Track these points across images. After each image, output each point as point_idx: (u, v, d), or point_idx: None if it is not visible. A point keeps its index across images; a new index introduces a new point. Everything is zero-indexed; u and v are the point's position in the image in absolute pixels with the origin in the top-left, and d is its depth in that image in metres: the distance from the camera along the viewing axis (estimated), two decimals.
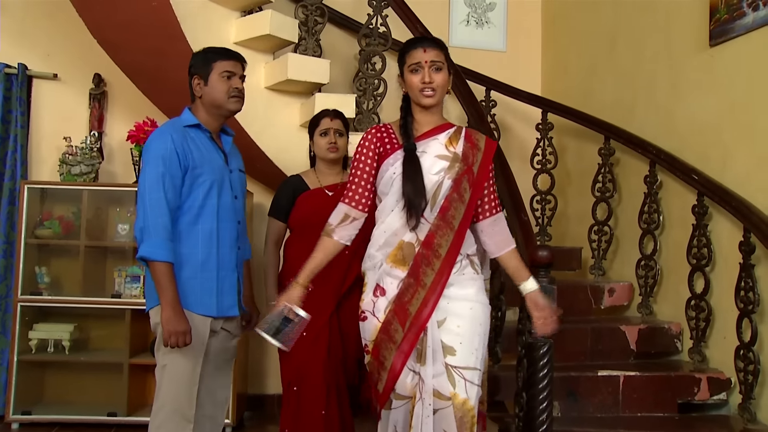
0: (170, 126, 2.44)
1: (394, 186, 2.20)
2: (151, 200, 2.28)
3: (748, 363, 2.85)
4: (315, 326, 2.84)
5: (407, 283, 2.19)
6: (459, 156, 2.24)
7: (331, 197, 2.94)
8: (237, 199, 2.53)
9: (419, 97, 2.22)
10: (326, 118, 3.00)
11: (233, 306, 2.48)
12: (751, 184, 3.02)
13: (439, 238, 2.20)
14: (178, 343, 2.25)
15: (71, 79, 4.21)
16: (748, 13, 3.05)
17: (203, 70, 2.47)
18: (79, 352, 3.88)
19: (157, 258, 2.25)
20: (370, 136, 2.29)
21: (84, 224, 3.88)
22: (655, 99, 3.71)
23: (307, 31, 3.57)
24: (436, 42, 2.28)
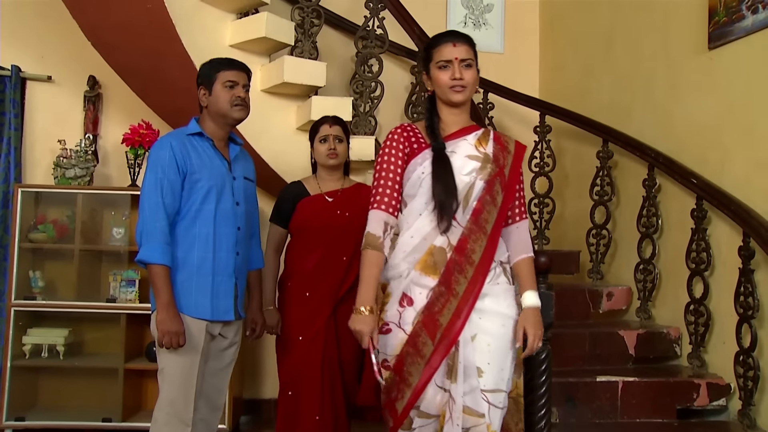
0: (172, 134, 2.54)
1: (422, 187, 2.09)
2: (149, 205, 2.37)
3: (748, 369, 2.83)
4: (311, 331, 2.84)
5: (438, 292, 2.04)
6: (490, 157, 2.14)
7: (331, 203, 2.95)
8: (239, 205, 2.55)
9: (449, 94, 2.11)
10: (325, 125, 2.99)
11: (229, 311, 2.50)
12: (750, 187, 3.00)
13: (472, 243, 2.07)
14: (171, 344, 2.33)
15: (65, 81, 4.17)
16: (747, 15, 3.03)
17: (208, 81, 2.54)
18: (74, 357, 3.84)
19: (152, 261, 2.32)
20: (396, 136, 2.16)
21: (78, 228, 3.84)
22: (652, 101, 3.70)
23: (303, 33, 3.54)
24: (465, 37, 2.16)
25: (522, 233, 2.23)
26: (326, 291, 2.87)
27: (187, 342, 2.36)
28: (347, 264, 2.90)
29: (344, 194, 3.00)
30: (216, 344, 2.53)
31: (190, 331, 2.38)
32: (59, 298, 3.85)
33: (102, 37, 3.41)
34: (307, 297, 2.87)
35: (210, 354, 2.51)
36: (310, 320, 2.85)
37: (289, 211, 2.97)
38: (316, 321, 2.85)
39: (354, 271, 2.93)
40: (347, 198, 2.99)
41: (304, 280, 2.89)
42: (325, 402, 2.83)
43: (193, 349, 2.39)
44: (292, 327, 2.88)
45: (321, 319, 2.85)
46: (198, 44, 3.30)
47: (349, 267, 2.91)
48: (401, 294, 2.09)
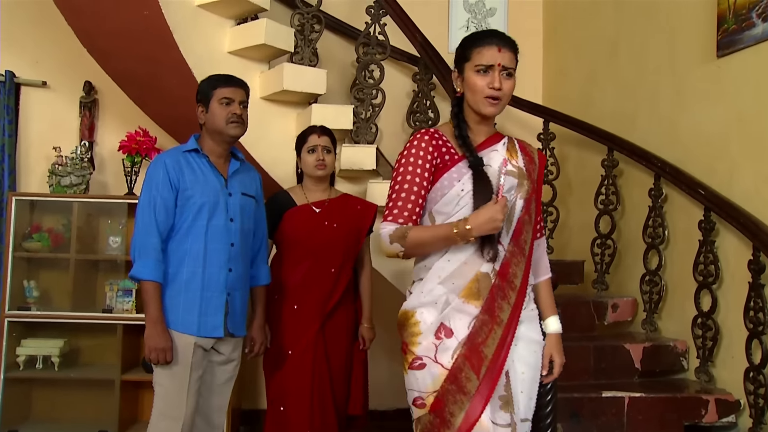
0: (169, 152, 2.56)
1: (460, 206, 1.88)
2: (142, 222, 2.40)
3: (759, 386, 2.77)
4: (300, 345, 2.81)
5: (481, 321, 1.86)
6: (524, 172, 1.97)
7: (319, 214, 2.91)
8: (233, 221, 2.52)
9: (482, 104, 1.91)
10: (314, 135, 2.95)
11: (218, 327, 2.47)
12: (759, 199, 2.93)
13: (514, 267, 1.92)
14: (158, 360, 2.35)
15: (61, 87, 4.12)
16: (757, 23, 2.96)
17: (205, 98, 2.55)
18: (69, 369, 3.79)
19: (143, 277, 2.37)
20: (424, 144, 1.93)
21: (74, 237, 3.79)
22: (658, 109, 3.63)
23: (303, 39, 3.47)
24: (512, 43, 1.96)
25: (542, 251, 2.12)
26: (314, 304, 2.84)
27: (174, 358, 2.37)
28: (335, 276, 2.87)
29: (331, 205, 2.96)
30: (211, 358, 2.52)
31: (177, 346, 2.38)
32: (54, 308, 3.80)
33: (98, 43, 3.35)
34: (296, 310, 2.84)
35: (205, 369, 2.49)
36: (299, 334, 2.82)
37: (275, 221, 2.92)
38: (305, 335, 2.82)
39: (342, 283, 2.91)
40: (334, 208, 2.95)
41: (292, 293, 2.85)
42: (315, 417, 2.80)
43: (181, 364, 2.39)
44: (281, 341, 2.84)
45: (310, 333, 2.82)
46: (196, 51, 3.24)
47: (337, 279, 2.88)
48: (438, 324, 1.88)
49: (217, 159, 2.56)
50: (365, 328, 3.02)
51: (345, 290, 2.92)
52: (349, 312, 2.99)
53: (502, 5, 4.86)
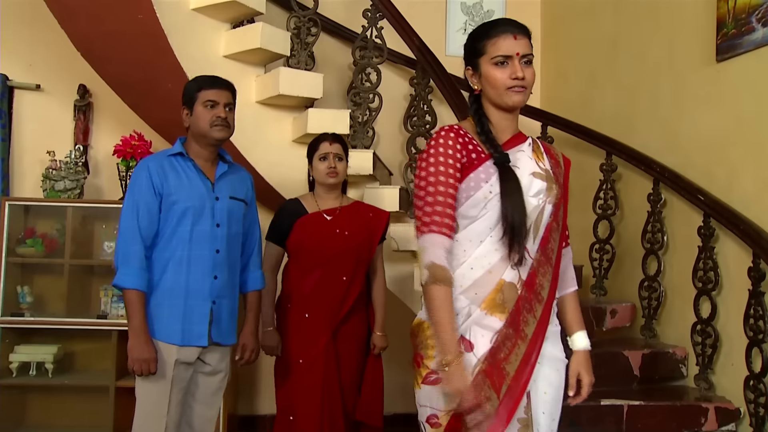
0: (153, 156, 2.50)
1: (487, 208, 1.73)
2: (125, 229, 2.35)
3: (759, 394, 2.75)
4: (310, 354, 2.77)
5: (505, 335, 1.72)
6: (551, 175, 1.84)
7: (330, 222, 2.87)
8: (219, 227, 2.46)
9: (506, 96, 1.76)
10: (325, 143, 2.91)
11: (202, 336, 2.41)
12: (759, 205, 2.91)
13: (541, 277, 1.78)
14: (142, 371, 2.29)
15: (55, 90, 4.07)
16: (757, 28, 2.94)
17: (189, 101, 2.49)
18: (63, 375, 3.73)
19: (125, 285, 2.31)
20: (451, 141, 1.76)
21: (68, 242, 3.74)
22: (658, 113, 3.60)
23: (300, 43, 3.44)
24: (525, 29, 1.81)
25: (567, 261, 1.98)
26: (326, 312, 2.81)
27: (158, 369, 2.32)
28: (347, 284, 2.83)
29: (343, 212, 2.92)
30: (198, 369, 2.47)
31: (161, 356, 2.33)
32: (48, 314, 3.75)
33: (92, 48, 3.32)
34: (307, 318, 2.80)
35: (191, 380, 2.45)
36: (309, 343, 2.78)
37: (286, 229, 2.89)
38: (316, 344, 2.78)
39: (354, 291, 2.87)
40: (346, 216, 2.91)
41: (303, 302, 2.81)
42: (324, 427, 2.76)
43: (162, 376, 2.34)
44: (292, 349, 2.81)
45: (321, 342, 2.78)
46: (191, 55, 3.21)
47: (348, 287, 2.84)
48: (458, 336, 1.72)
49: (204, 162, 2.50)
50: (378, 336, 2.98)
51: (357, 299, 2.89)
52: (361, 320, 2.96)
53: (500, 7, 4.83)
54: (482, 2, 4.81)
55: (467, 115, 3.33)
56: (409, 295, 3.44)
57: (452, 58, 4.60)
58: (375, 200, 3.33)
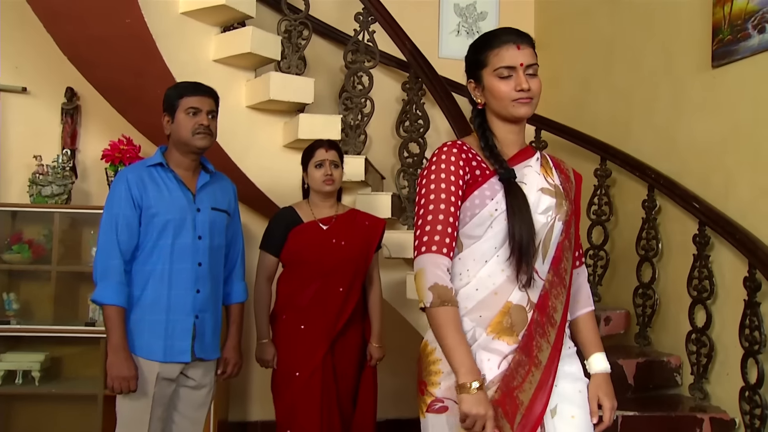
0: (132, 167, 2.44)
1: (493, 227, 1.65)
2: (103, 243, 2.29)
3: (755, 406, 2.72)
4: (308, 367, 2.72)
5: (517, 362, 1.63)
6: (561, 191, 1.76)
7: (326, 231, 2.82)
8: (201, 239, 2.40)
9: (512, 108, 1.69)
10: (321, 149, 2.85)
11: (185, 352, 2.36)
12: (755, 213, 2.88)
13: (554, 300, 1.69)
14: (121, 389, 2.23)
15: (42, 93, 4.00)
16: (753, 35, 2.91)
17: (171, 108, 2.42)
18: (50, 383, 3.68)
19: (104, 301, 2.25)
20: (453, 157, 1.68)
21: (56, 248, 3.68)
22: (653, 118, 3.57)
23: (291, 46, 3.39)
24: (528, 37, 1.73)
25: (582, 280, 1.90)
26: (323, 325, 2.76)
27: (138, 386, 2.26)
28: (344, 296, 2.78)
29: (339, 221, 2.87)
30: (181, 384, 2.41)
31: (142, 373, 2.27)
32: (35, 321, 3.70)
33: (78, 52, 3.26)
34: (303, 330, 2.75)
35: (174, 394, 2.40)
36: (307, 355, 2.73)
37: (281, 239, 2.83)
38: (313, 357, 2.73)
39: (351, 302, 2.82)
40: (342, 225, 2.86)
41: (299, 314, 2.76)
42: None
43: (144, 394, 2.28)
44: (289, 362, 2.75)
45: (318, 355, 2.73)
46: (180, 60, 3.16)
47: (346, 299, 2.80)
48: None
49: (184, 172, 2.44)
50: (374, 348, 2.93)
51: (354, 310, 2.84)
52: (358, 331, 2.91)
53: (494, 9, 4.79)
54: (476, 4, 4.77)
55: (459, 120, 3.34)
56: (402, 303, 3.40)
57: (445, 60, 4.59)
58: (367, 207, 3.28)
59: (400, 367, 4.33)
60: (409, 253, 3.28)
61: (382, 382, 3.53)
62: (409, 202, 3.41)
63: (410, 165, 3.48)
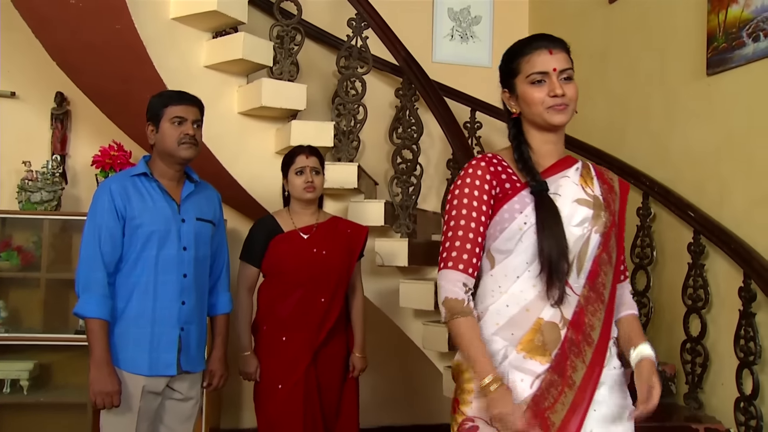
0: (115, 177, 2.40)
1: (523, 241, 1.62)
2: (86, 254, 2.24)
3: (750, 417, 2.70)
4: (290, 379, 2.68)
5: (549, 381, 1.57)
6: (601, 201, 1.69)
7: (307, 240, 2.77)
8: (186, 250, 2.36)
9: (546, 115, 1.65)
10: (301, 156, 2.80)
11: (170, 365, 2.32)
12: (750, 223, 2.86)
13: (591, 316, 1.62)
14: (104, 405, 2.18)
15: (31, 98, 3.96)
16: (748, 43, 2.89)
17: (155, 117, 2.38)
18: (39, 392, 3.64)
19: (87, 315, 2.21)
20: (481, 171, 1.66)
21: (45, 255, 3.65)
22: (648, 125, 3.55)
23: (283, 52, 3.35)
24: (561, 42, 1.70)
25: (626, 292, 1.82)
26: (305, 336, 2.71)
27: (123, 402, 2.21)
28: (326, 306, 2.74)
29: (320, 230, 2.81)
30: (167, 396, 2.37)
31: (126, 387, 2.23)
32: (24, 329, 3.66)
33: (67, 59, 3.22)
34: (285, 342, 2.70)
35: (160, 407, 2.36)
36: (289, 368, 2.68)
37: (261, 249, 2.78)
38: (296, 369, 2.68)
39: (334, 313, 2.77)
40: (324, 234, 2.81)
41: (280, 325, 2.71)
42: None
43: (129, 408, 2.23)
44: (271, 375, 2.71)
45: (301, 367, 2.68)
46: (171, 66, 3.12)
47: (328, 309, 2.74)
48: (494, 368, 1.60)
49: (169, 182, 2.39)
50: (357, 358, 2.88)
51: (337, 320, 2.79)
52: (341, 341, 2.86)
53: (488, 13, 4.77)
54: (470, 8, 4.75)
55: (452, 126, 3.31)
56: (395, 311, 3.37)
57: (439, 65, 4.57)
58: (359, 214, 3.26)
59: (392, 374, 4.32)
60: (400, 260, 3.26)
61: (377, 388, 3.53)
62: (402, 209, 3.39)
63: (403, 172, 3.44)
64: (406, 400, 4.43)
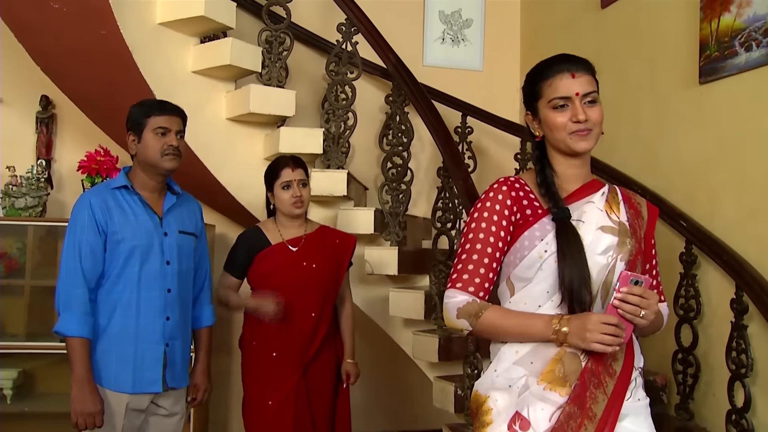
0: (95, 190, 2.33)
1: (543, 270, 1.58)
2: (66, 271, 2.19)
3: (742, 430, 2.68)
4: (280, 394, 2.64)
5: (568, 413, 1.52)
6: (627, 228, 1.65)
7: (296, 253, 2.72)
8: (169, 265, 2.31)
9: (570, 141, 1.61)
10: (287, 169, 2.72)
11: (155, 382, 2.28)
12: (742, 234, 2.84)
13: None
14: (87, 425, 2.13)
15: (15, 101, 3.88)
16: (740, 52, 2.87)
17: (137, 127, 2.32)
18: (23, 401, 3.58)
19: (68, 333, 2.16)
20: (501, 196, 1.63)
21: (30, 262, 3.58)
22: (639, 133, 3.53)
23: (272, 58, 3.31)
24: (585, 63, 1.65)
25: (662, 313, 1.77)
26: (295, 350, 2.67)
27: (106, 420, 2.16)
28: (316, 320, 2.69)
29: (308, 241, 2.76)
30: (151, 411, 2.33)
31: (109, 406, 2.18)
32: (7, 337, 3.58)
33: (51, 64, 3.18)
34: (275, 357, 2.66)
35: (144, 422, 2.32)
36: (278, 383, 2.64)
37: (245, 262, 2.73)
38: (285, 384, 2.64)
39: (323, 326, 2.74)
40: (312, 246, 2.76)
41: (270, 340, 2.67)
42: None
43: (112, 427, 2.19)
44: (260, 390, 2.66)
45: (291, 382, 2.65)
46: (157, 72, 3.08)
47: (318, 323, 2.70)
48: (513, 413, 1.55)
49: (150, 194, 2.34)
50: (349, 364, 2.85)
51: (326, 335, 2.75)
52: (331, 351, 2.83)
53: (479, 17, 4.73)
54: (461, 11, 4.70)
55: (442, 133, 3.27)
56: (385, 320, 3.34)
57: (430, 68, 4.53)
58: (349, 222, 3.22)
59: (384, 381, 4.29)
60: (390, 269, 3.22)
61: (363, 396, 3.49)
62: (391, 217, 3.35)
63: (393, 179, 3.41)
64: (394, 407, 4.40)
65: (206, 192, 3.54)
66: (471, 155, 4.10)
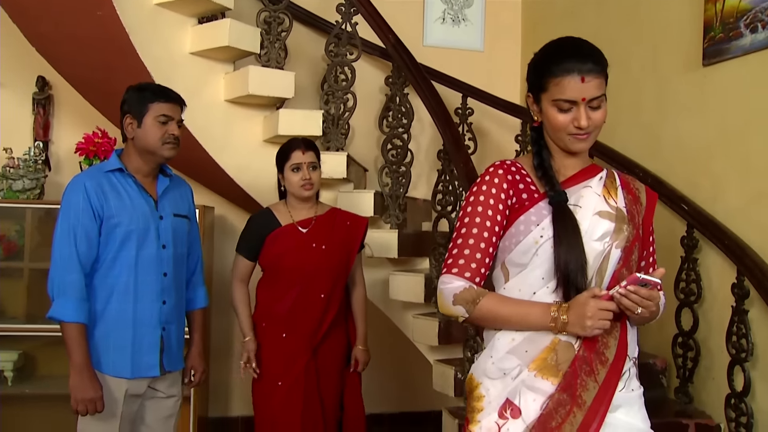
0: (89, 173, 2.28)
1: (539, 255, 1.55)
2: (61, 255, 2.16)
3: (741, 414, 2.69)
4: (290, 375, 2.65)
5: (558, 401, 1.50)
6: (624, 214, 1.61)
7: (306, 235, 2.71)
8: (165, 248, 2.30)
9: (568, 141, 1.58)
10: (297, 151, 2.71)
11: (153, 366, 2.27)
12: (745, 220, 2.83)
13: (605, 335, 1.53)
14: (87, 411, 2.12)
15: (12, 83, 3.84)
16: (745, 34, 2.83)
17: (137, 111, 2.26)
18: (24, 383, 3.59)
19: (64, 319, 2.13)
20: (498, 180, 1.60)
21: (28, 244, 3.57)
22: (640, 117, 3.50)
23: (270, 39, 3.27)
24: (596, 61, 1.56)
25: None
26: (304, 332, 2.67)
27: (106, 406, 2.16)
28: (325, 302, 2.69)
29: (319, 223, 2.75)
30: (148, 395, 2.33)
31: (108, 391, 2.17)
32: (7, 319, 3.59)
33: (48, 47, 3.14)
34: (284, 338, 2.67)
35: (140, 406, 2.32)
36: (289, 364, 2.65)
37: (257, 243, 2.73)
38: (295, 365, 2.65)
39: (333, 308, 2.74)
40: (323, 228, 2.75)
41: (280, 321, 2.68)
42: None
43: (111, 414, 2.18)
44: (270, 371, 2.67)
45: (300, 363, 2.65)
46: (155, 53, 3.04)
47: (327, 304, 2.70)
48: (503, 401, 1.54)
49: (144, 178, 2.31)
50: (360, 351, 2.85)
51: (336, 315, 2.75)
52: (341, 334, 2.83)
53: None
54: None
55: (442, 115, 3.24)
56: (386, 303, 3.35)
57: (430, 49, 4.48)
58: (349, 205, 3.20)
59: (384, 363, 4.29)
60: (391, 252, 3.21)
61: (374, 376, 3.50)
62: (391, 199, 3.33)
63: (393, 161, 3.39)
64: (394, 389, 4.41)
65: (205, 174, 3.53)
66: (471, 137, 4.07)
